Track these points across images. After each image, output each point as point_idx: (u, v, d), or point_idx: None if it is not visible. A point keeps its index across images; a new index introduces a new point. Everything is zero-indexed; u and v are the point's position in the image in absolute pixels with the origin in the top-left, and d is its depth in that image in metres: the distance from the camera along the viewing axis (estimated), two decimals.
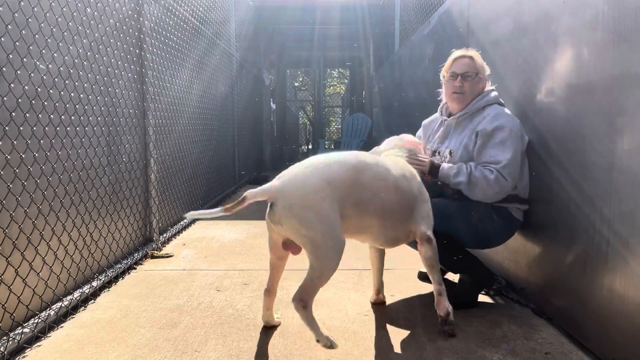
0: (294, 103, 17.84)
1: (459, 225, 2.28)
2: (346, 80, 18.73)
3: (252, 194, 1.80)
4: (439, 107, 2.57)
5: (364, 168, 1.91)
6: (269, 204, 1.84)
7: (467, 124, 2.35)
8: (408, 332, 2.09)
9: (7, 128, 1.84)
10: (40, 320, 2.01)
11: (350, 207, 1.86)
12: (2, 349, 1.77)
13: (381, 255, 2.37)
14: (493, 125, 2.22)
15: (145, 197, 3.35)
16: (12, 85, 1.87)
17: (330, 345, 1.81)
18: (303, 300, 1.81)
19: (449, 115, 2.49)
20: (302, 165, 1.88)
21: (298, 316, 2.24)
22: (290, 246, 1.92)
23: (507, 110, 2.30)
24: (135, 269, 2.98)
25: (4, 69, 1.84)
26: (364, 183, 1.89)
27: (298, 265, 2.81)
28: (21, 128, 1.93)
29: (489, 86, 2.42)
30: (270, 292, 2.08)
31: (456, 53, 2.42)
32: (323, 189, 1.78)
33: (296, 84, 19.95)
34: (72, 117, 2.34)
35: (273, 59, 11.42)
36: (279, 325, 2.15)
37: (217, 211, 1.82)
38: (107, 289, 2.60)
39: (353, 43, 11.19)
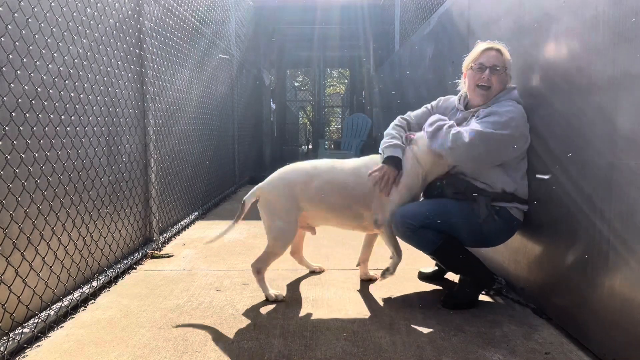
0: (294, 103, 17.83)
1: (459, 225, 2.28)
2: (346, 80, 18.73)
3: (247, 198, 2.52)
4: (458, 97, 2.52)
5: (315, 174, 2.45)
6: None
7: None
8: (408, 332, 2.09)
9: (7, 128, 1.84)
10: (40, 320, 2.01)
11: (306, 202, 2.44)
12: (2, 349, 1.77)
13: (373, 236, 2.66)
14: (499, 109, 2.20)
15: (145, 197, 3.35)
16: (12, 85, 1.87)
17: (276, 297, 2.45)
18: (257, 268, 2.48)
19: (466, 105, 2.45)
20: (278, 171, 2.55)
21: (298, 316, 2.25)
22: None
23: (522, 109, 2.26)
24: (135, 269, 2.98)
25: (4, 69, 1.84)
26: (315, 186, 2.43)
27: (297, 266, 2.81)
28: (21, 128, 1.93)
29: (510, 81, 2.37)
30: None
31: (483, 44, 2.35)
32: (283, 189, 2.46)
33: (296, 84, 19.94)
34: (72, 117, 2.34)
35: (273, 59, 11.41)
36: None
37: (230, 226, 2.53)
38: (107, 289, 2.60)
39: (353, 43, 11.18)
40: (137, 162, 3.18)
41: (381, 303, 2.44)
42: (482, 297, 2.47)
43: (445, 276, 2.79)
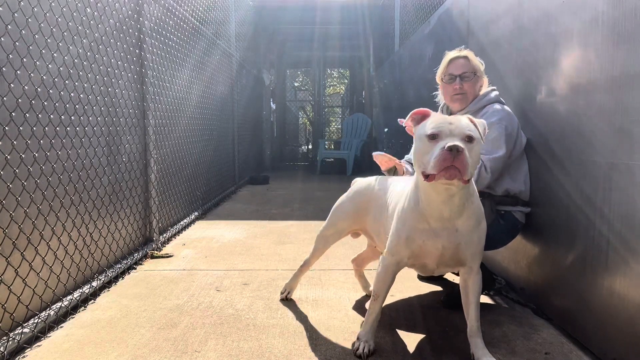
0: (294, 103, 17.81)
1: None
2: (346, 80, 18.72)
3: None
4: (439, 108, 2.56)
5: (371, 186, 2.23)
6: None
7: None
8: (408, 332, 2.09)
9: (7, 128, 1.84)
10: (40, 320, 2.01)
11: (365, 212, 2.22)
12: (2, 349, 1.77)
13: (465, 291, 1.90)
14: (490, 120, 2.21)
15: (145, 197, 3.35)
16: (12, 85, 1.87)
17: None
18: None
19: (450, 114, 2.48)
20: None
21: (298, 316, 2.25)
22: None
23: (507, 108, 2.29)
24: (135, 269, 2.98)
25: (4, 69, 1.84)
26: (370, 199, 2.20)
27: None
28: (21, 128, 1.93)
29: (486, 81, 2.41)
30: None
31: (450, 54, 2.39)
32: (349, 194, 2.31)
33: (296, 84, 19.93)
34: (72, 117, 2.34)
35: (273, 59, 11.41)
36: None
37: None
38: (107, 289, 2.60)
39: (353, 43, 11.18)
40: (137, 162, 3.18)
41: None
42: (482, 297, 2.47)
43: (445, 276, 2.79)
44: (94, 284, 2.49)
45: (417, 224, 1.75)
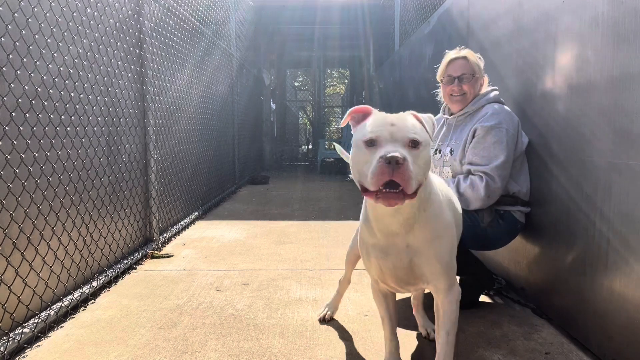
0: (294, 103, 17.82)
1: (463, 229, 2.27)
2: (346, 80, 18.72)
3: None
4: (442, 107, 2.56)
5: None
6: None
7: (468, 122, 2.34)
8: (408, 332, 2.09)
9: (7, 128, 1.84)
10: (40, 320, 2.01)
11: None
12: (2, 349, 1.77)
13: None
14: (490, 123, 2.22)
15: (145, 197, 3.35)
16: (12, 85, 1.87)
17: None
18: None
19: (451, 114, 2.49)
20: None
21: (298, 316, 2.25)
22: None
23: (506, 108, 2.30)
24: (135, 269, 2.98)
25: (4, 69, 1.84)
26: None
27: (297, 266, 2.82)
28: (21, 128, 1.93)
29: (486, 80, 2.42)
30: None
31: (449, 55, 2.40)
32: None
33: (296, 84, 19.94)
34: (72, 117, 2.34)
35: (273, 59, 11.42)
36: None
37: None
38: (107, 289, 2.60)
39: (353, 43, 11.19)
40: (137, 162, 3.18)
41: None
42: (482, 297, 2.47)
43: None
44: (94, 284, 2.49)
45: (368, 238, 1.52)
